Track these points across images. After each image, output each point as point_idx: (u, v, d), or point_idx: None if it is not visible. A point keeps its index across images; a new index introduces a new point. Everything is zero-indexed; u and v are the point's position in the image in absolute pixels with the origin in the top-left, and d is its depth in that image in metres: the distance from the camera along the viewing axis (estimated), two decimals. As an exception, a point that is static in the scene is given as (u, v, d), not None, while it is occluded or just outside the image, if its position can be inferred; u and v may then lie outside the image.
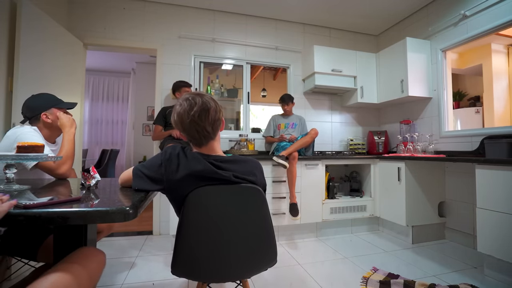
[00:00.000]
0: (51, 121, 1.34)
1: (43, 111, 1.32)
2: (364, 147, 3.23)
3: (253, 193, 0.93)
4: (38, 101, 1.34)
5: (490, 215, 1.65)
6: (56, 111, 1.35)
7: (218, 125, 0.96)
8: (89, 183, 0.94)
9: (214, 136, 0.96)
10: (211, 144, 0.96)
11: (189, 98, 0.93)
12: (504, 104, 3.16)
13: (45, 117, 1.32)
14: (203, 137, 0.93)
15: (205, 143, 0.95)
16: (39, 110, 1.31)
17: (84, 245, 0.83)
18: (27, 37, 1.85)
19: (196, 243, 0.88)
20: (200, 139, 0.94)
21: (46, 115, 1.32)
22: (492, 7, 2.19)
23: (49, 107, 1.33)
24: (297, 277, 1.76)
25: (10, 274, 1.37)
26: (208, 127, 0.92)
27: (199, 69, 2.96)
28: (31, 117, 1.32)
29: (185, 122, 0.91)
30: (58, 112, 1.36)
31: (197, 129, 0.91)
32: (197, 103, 0.91)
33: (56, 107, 1.36)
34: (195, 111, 0.90)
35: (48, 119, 1.33)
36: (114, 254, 2.13)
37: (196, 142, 0.95)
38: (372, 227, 2.79)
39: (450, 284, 1.62)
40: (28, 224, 0.59)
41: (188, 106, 0.91)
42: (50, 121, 1.33)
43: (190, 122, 0.91)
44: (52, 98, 1.38)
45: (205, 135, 0.93)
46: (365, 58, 3.10)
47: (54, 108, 1.35)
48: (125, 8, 2.74)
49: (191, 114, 0.90)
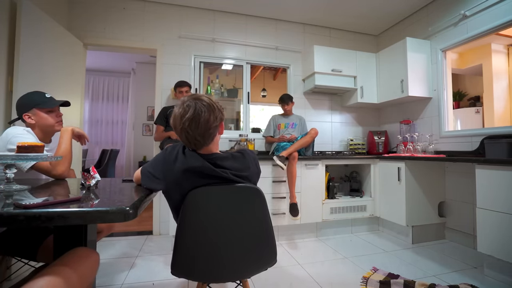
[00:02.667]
0: (35, 122, 1.29)
1: (24, 112, 1.28)
2: (364, 147, 3.23)
3: (253, 193, 0.93)
4: (21, 101, 1.30)
5: (490, 215, 1.65)
6: (38, 112, 1.29)
7: (211, 134, 0.92)
8: (89, 183, 0.94)
9: (207, 143, 0.93)
10: (205, 149, 0.95)
11: (184, 104, 0.91)
12: (504, 104, 3.16)
13: (27, 117, 1.28)
14: (194, 144, 0.92)
15: (199, 148, 0.94)
16: (20, 112, 1.28)
17: (84, 245, 0.83)
18: (27, 37, 1.85)
19: (195, 243, 0.88)
20: (191, 145, 0.93)
21: (28, 115, 1.28)
22: (492, 7, 2.19)
23: (29, 108, 1.28)
24: (297, 277, 1.76)
25: (10, 274, 1.37)
26: (198, 137, 0.90)
27: (199, 69, 2.96)
28: (18, 117, 1.30)
29: (177, 128, 0.91)
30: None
31: (187, 137, 0.91)
32: (189, 110, 0.88)
33: (38, 107, 1.29)
34: (186, 119, 0.88)
35: (31, 119, 1.28)
36: (114, 254, 2.12)
37: (190, 145, 0.94)
38: (372, 227, 2.79)
39: (450, 284, 1.62)
40: (28, 224, 0.59)
41: (182, 112, 0.90)
42: (33, 122, 1.29)
43: (181, 129, 0.90)
44: (36, 98, 1.31)
45: (195, 143, 0.92)
46: (365, 58, 3.09)
47: (35, 108, 1.29)
48: (125, 8, 2.74)
49: (182, 122, 0.89)
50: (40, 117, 1.31)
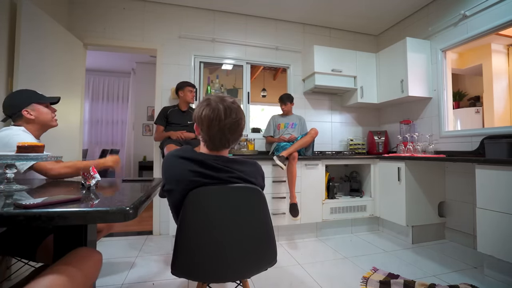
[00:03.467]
0: (34, 117, 1.31)
1: (24, 107, 1.29)
2: (364, 147, 3.23)
3: (253, 193, 0.93)
4: (18, 98, 1.31)
5: (490, 215, 1.65)
6: (37, 107, 1.32)
7: (239, 138, 1.00)
8: (89, 183, 0.94)
9: (229, 146, 0.99)
10: (221, 151, 0.98)
11: (226, 106, 0.91)
12: (504, 104, 3.16)
13: (27, 113, 1.29)
14: (221, 145, 0.95)
15: (219, 149, 0.97)
16: (19, 107, 1.28)
17: (84, 245, 0.83)
18: (27, 37, 1.85)
19: (195, 243, 0.88)
20: (216, 146, 0.95)
21: (27, 111, 1.29)
22: (492, 7, 2.19)
23: (29, 102, 1.30)
24: (297, 277, 1.76)
25: (10, 274, 1.37)
26: (231, 139, 0.95)
27: (199, 69, 2.96)
28: (12, 115, 1.30)
29: (213, 127, 0.91)
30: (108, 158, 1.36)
31: (221, 138, 0.93)
32: (232, 115, 0.91)
33: (37, 102, 1.33)
34: (228, 122, 0.90)
35: (30, 115, 1.30)
36: (114, 254, 2.13)
37: (212, 146, 0.95)
38: (372, 227, 2.79)
39: (450, 284, 1.62)
40: (28, 224, 0.59)
41: (222, 113, 0.90)
42: (32, 117, 1.30)
43: (219, 130, 0.91)
44: (32, 94, 1.34)
45: (224, 144, 0.95)
46: (365, 58, 3.10)
47: (35, 103, 1.31)
48: (125, 8, 2.74)
49: (223, 124, 0.90)
50: (40, 112, 1.33)
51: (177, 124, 2.44)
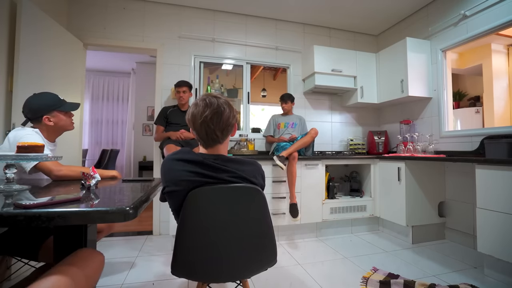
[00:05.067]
0: (54, 124, 1.34)
1: (45, 114, 1.30)
2: (364, 147, 3.23)
3: (253, 193, 0.93)
4: (40, 103, 1.31)
5: (490, 215, 1.65)
6: (58, 114, 1.34)
7: (229, 130, 0.97)
8: (89, 183, 0.94)
9: (223, 140, 0.97)
10: (217, 148, 0.97)
11: (205, 99, 0.93)
12: (504, 104, 3.17)
13: (47, 120, 1.31)
14: (211, 139, 0.94)
15: (212, 145, 0.96)
16: (40, 113, 1.30)
17: (84, 246, 0.83)
18: (27, 37, 1.85)
19: (195, 243, 0.88)
20: (207, 141, 0.95)
21: (48, 118, 1.31)
22: (492, 7, 2.19)
23: (51, 110, 1.32)
24: (297, 277, 1.76)
25: (10, 274, 1.37)
26: (217, 131, 0.93)
27: (199, 69, 2.96)
28: (33, 119, 1.31)
29: (197, 122, 0.92)
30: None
31: (206, 131, 0.92)
32: (212, 105, 0.92)
33: (58, 110, 1.34)
34: (208, 113, 0.91)
35: (50, 122, 1.32)
36: (114, 254, 2.13)
37: (204, 143, 0.96)
38: (372, 227, 2.79)
39: (450, 284, 1.62)
40: (28, 224, 0.59)
41: (203, 107, 0.92)
42: (52, 124, 1.33)
43: (202, 123, 0.91)
44: (54, 100, 1.35)
45: (213, 138, 0.94)
46: (365, 58, 3.09)
47: (56, 111, 1.33)
48: (125, 8, 2.74)
49: (204, 115, 0.91)
50: (60, 119, 1.36)
51: (177, 124, 2.44)
